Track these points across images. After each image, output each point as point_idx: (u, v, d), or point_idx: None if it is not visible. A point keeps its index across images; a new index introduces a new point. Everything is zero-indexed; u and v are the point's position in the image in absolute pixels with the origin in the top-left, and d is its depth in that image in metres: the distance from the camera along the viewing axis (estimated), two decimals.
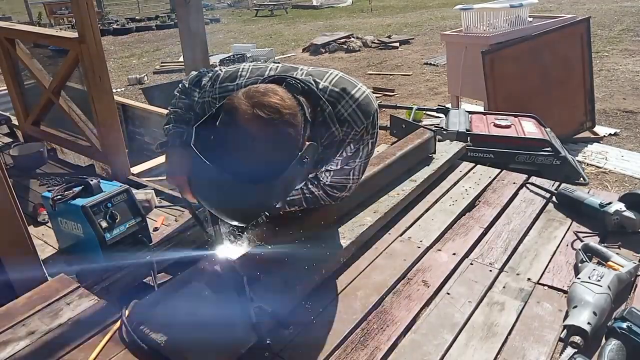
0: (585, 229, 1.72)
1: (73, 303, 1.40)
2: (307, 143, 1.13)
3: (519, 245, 1.67)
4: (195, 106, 1.45)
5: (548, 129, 3.56)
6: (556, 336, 1.26)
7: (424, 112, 4.62)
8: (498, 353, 1.22)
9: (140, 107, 4.65)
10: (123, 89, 8.40)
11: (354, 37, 10.71)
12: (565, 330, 1.24)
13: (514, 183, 2.08)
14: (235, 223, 1.29)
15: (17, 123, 3.61)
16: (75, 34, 2.62)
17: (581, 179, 3.32)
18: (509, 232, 1.73)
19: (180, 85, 1.52)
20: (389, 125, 3.69)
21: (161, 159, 3.05)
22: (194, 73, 1.49)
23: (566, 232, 1.72)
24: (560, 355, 1.18)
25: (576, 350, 1.17)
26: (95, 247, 1.75)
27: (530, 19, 4.96)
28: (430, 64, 8.37)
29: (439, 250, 1.65)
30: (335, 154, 1.37)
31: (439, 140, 2.34)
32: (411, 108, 4.32)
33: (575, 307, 1.27)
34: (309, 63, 9.12)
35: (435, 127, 3.38)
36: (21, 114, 3.38)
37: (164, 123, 1.50)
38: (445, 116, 3.74)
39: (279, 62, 1.41)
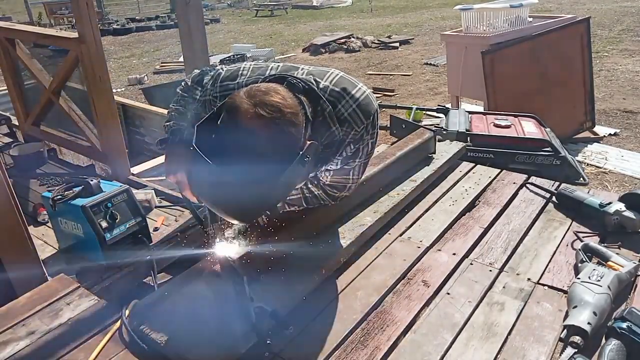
0: (585, 229, 1.72)
1: (73, 303, 1.40)
2: (308, 142, 1.13)
3: (519, 245, 1.67)
4: (196, 104, 1.45)
5: (548, 129, 3.56)
6: (556, 336, 1.26)
7: (424, 112, 4.62)
8: (498, 353, 1.22)
9: (140, 107, 4.65)
10: (123, 89, 8.41)
11: (354, 37, 10.72)
12: (565, 330, 1.24)
13: (514, 183, 2.08)
14: (235, 222, 1.29)
15: (17, 123, 3.61)
16: (75, 34, 2.62)
17: (581, 179, 3.32)
18: (509, 232, 1.73)
19: (182, 84, 1.52)
20: (389, 125, 3.70)
21: (161, 159, 3.05)
22: (196, 71, 1.49)
23: (566, 232, 1.72)
24: (560, 355, 1.18)
25: (576, 350, 1.17)
26: (95, 247, 1.75)
27: (530, 19, 4.96)
28: (430, 64, 8.37)
29: (439, 250, 1.65)
30: (335, 154, 1.37)
31: (439, 140, 2.34)
32: (411, 108, 4.32)
33: (575, 307, 1.27)
34: (309, 63, 9.12)
35: (435, 127, 3.39)
36: (21, 114, 3.39)
37: (165, 120, 1.50)
38: (445, 116, 3.74)
39: (279, 62, 1.41)
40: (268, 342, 1.19)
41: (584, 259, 1.46)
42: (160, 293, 1.41)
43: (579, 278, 1.36)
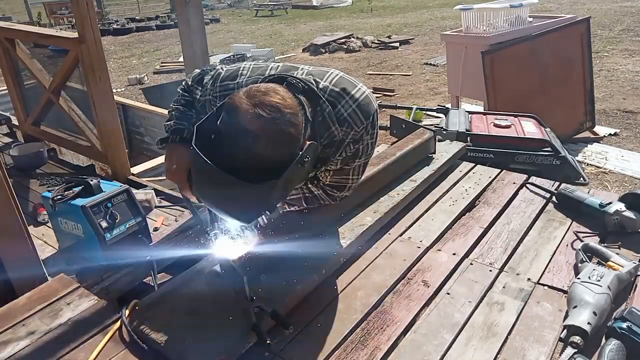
0: (585, 229, 1.72)
1: (73, 303, 1.40)
2: (308, 142, 1.13)
3: (519, 245, 1.67)
4: (196, 104, 1.45)
5: (548, 129, 3.56)
6: (556, 336, 1.26)
7: (424, 112, 4.62)
8: (498, 353, 1.22)
9: (140, 107, 4.66)
10: (123, 89, 8.41)
11: (354, 37, 10.72)
12: (565, 330, 1.24)
13: (514, 183, 2.08)
14: (235, 222, 1.29)
15: (17, 123, 3.61)
16: (75, 34, 2.62)
17: (581, 179, 3.32)
18: (509, 232, 1.73)
19: (183, 83, 1.52)
20: (389, 125, 3.70)
21: (161, 159, 3.06)
22: (197, 71, 1.50)
23: (566, 232, 1.72)
24: (560, 355, 1.18)
25: (576, 350, 1.17)
26: (95, 247, 1.75)
27: (530, 19, 4.96)
28: (430, 64, 8.37)
29: (439, 250, 1.65)
30: (335, 154, 1.37)
31: (439, 140, 2.34)
32: (411, 108, 4.32)
33: (575, 307, 1.27)
34: (309, 63, 9.12)
35: (435, 127, 3.39)
36: (21, 114, 3.39)
37: (166, 120, 1.50)
38: (445, 116, 3.75)
39: (279, 62, 1.41)
40: (268, 342, 1.19)
41: (584, 259, 1.46)
42: (160, 293, 1.41)
43: (579, 278, 1.36)
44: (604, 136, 4.78)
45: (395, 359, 1.22)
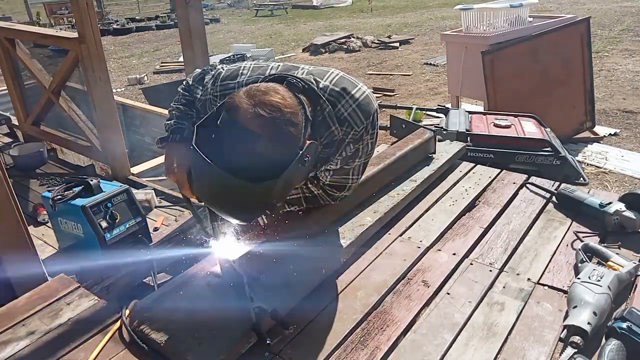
0: (585, 229, 1.72)
1: (73, 303, 1.40)
2: (308, 142, 1.13)
3: (519, 245, 1.67)
4: (197, 103, 1.45)
5: (548, 129, 3.56)
6: (556, 336, 1.26)
7: (424, 112, 4.62)
8: (498, 353, 1.22)
9: (140, 107, 4.66)
10: (123, 89, 8.41)
11: (354, 37, 10.72)
12: (565, 330, 1.24)
13: (514, 183, 2.07)
14: (235, 222, 1.29)
15: (17, 123, 3.61)
16: (75, 34, 2.62)
17: (581, 179, 3.32)
18: (509, 232, 1.73)
19: (184, 83, 1.52)
20: (389, 125, 3.70)
21: (161, 159, 3.06)
22: (197, 70, 1.50)
23: (566, 232, 1.72)
24: (560, 355, 1.18)
25: (576, 350, 1.16)
26: (95, 247, 1.75)
27: (530, 19, 4.96)
28: (430, 64, 8.37)
29: (439, 250, 1.65)
30: (335, 154, 1.37)
31: (439, 140, 2.33)
32: (411, 108, 4.33)
33: (575, 307, 1.27)
34: (309, 63, 9.08)
35: (435, 127, 3.39)
36: (21, 114, 3.39)
37: (166, 119, 1.50)
38: (445, 116, 3.75)
39: (279, 62, 1.41)
40: (268, 342, 1.19)
41: (584, 259, 1.46)
42: (160, 293, 1.41)
43: (579, 278, 1.36)
44: (604, 136, 4.78)
45: (395, 359, 1.22)
